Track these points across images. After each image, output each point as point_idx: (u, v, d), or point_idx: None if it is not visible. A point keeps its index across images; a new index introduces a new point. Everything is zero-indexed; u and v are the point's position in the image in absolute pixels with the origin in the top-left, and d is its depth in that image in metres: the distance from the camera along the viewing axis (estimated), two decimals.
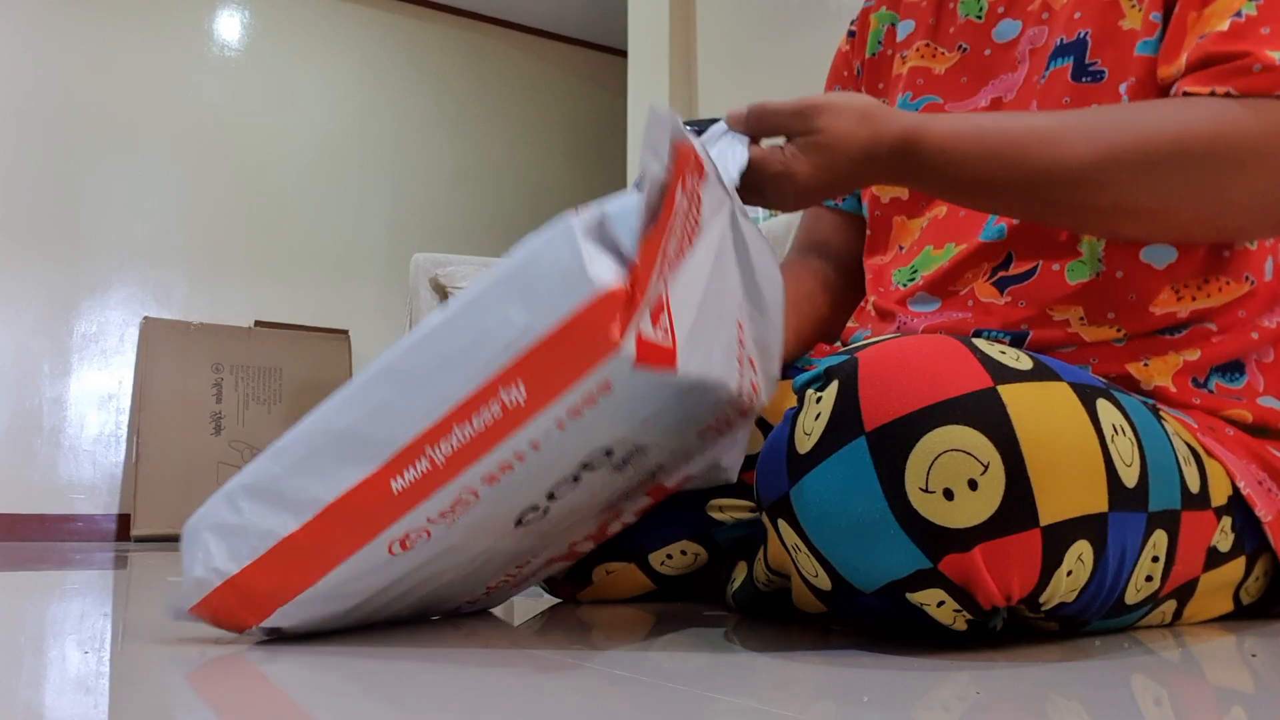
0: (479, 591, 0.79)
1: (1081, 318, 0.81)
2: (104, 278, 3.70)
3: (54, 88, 3.69)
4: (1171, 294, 0.81)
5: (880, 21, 1.03)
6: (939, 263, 0.88)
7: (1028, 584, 0.59)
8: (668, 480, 0.76)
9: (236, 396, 3.66)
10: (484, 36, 4.60)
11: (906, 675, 0.54)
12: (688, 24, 2.64)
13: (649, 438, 0.65)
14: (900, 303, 0.90)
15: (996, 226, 0.85)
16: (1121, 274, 0.81)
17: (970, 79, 0.92)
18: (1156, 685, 0.52)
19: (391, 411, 0.61)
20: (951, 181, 0.74)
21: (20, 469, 3.50)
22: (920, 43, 0.96)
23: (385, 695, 0.50)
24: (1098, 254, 0.82)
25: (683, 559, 0.96)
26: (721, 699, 0.48)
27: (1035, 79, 0.86)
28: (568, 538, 0.77)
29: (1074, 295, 0.81)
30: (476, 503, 0.62)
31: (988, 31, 0.91)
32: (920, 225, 0.93)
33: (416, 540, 0.63)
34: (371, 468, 0.61)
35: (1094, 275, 0.81)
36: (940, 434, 0.56)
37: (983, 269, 0.85)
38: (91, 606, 1.02)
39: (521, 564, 0.77)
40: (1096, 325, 0.81)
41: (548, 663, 0.60)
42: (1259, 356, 0.83)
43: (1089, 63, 0.82)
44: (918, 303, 0.88)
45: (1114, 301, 0.81)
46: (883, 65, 1.02)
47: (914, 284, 0.89)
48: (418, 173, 4.35)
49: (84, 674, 0.58)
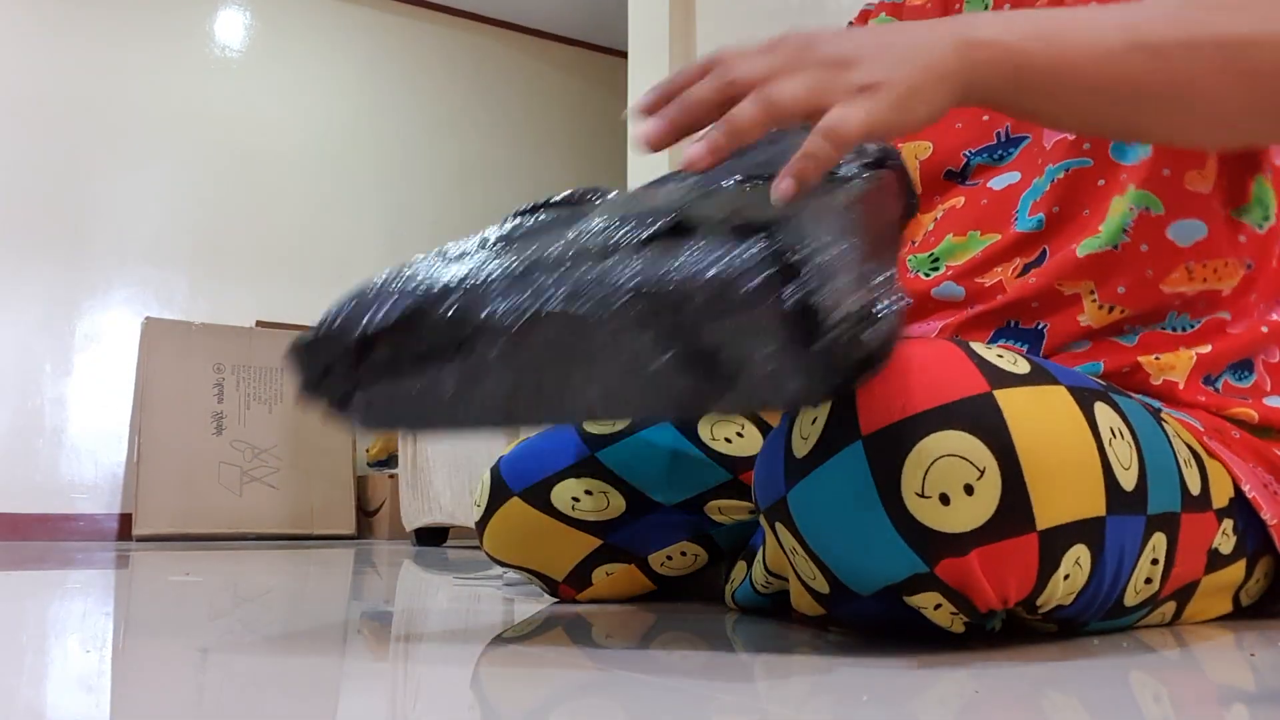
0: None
1: (1092, 292, 0.80)
2: (106, 278, 3.70)
3: (55, 89, 3.69)
4: (1184, 272, 0.80)
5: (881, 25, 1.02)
6: (969, 253, 0.86)
7: (1024, 588, 0.59)
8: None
9: (238, 396, 3.66)
10: (484, 37, 4.59)
11: (905, 674, 0.54)
12: (688, 24, 2.64)
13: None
14: (925, 293, 0.87)
15: (1033, 218, 0.84)
16: (1146, 247, 0.80)
17: None
18: (1155, 683, 0.52)
19: None
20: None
21: (22, 468, 3.50)
22: None
23: (385, 695, 0.50)
24: (1124, 225, 0.80)
25: (683, 560, 0.96)
26: (721, 698, 0.48)
27: None
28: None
29: (1084, 267, 0.80)
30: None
31: None
32: (933, 218, 0.92)
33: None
34: None
35: (1110, 248, 0.80)
36: (936, 439, 0.56)
37: (1014, 264, 0.84)
38: (93, 606, 1.02)
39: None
40: (1105, 305, 0.80)
41: (548, 662, 0.60)
42: (1266, 355, 0.83)
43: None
44: (943, 291, 0.86)
45: (1127, 276, 0.80)
46: None
47: (939, 274, 0.87)
48: (418, 173, 4.35)
49: (86, 673, 0.58)
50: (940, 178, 0.92)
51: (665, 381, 0.57)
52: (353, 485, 3.75)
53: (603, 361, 0.58)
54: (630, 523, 0.94)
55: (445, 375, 0.62)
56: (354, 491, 3.74)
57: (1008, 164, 0.88)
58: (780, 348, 0.55)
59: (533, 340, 0.59)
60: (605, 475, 0.93)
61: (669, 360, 0.57)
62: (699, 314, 0.56)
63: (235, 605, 1.00)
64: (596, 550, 0.95)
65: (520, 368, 0.60)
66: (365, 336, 0.63)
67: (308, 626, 0.80)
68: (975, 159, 0.90)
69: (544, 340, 0.59)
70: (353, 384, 0.64)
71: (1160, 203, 0.81)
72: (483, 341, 0.60)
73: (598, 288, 0.58)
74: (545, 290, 0.60)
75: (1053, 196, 0.83)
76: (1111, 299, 0.80)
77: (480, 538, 1.00)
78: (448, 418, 0.63)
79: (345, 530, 3.66)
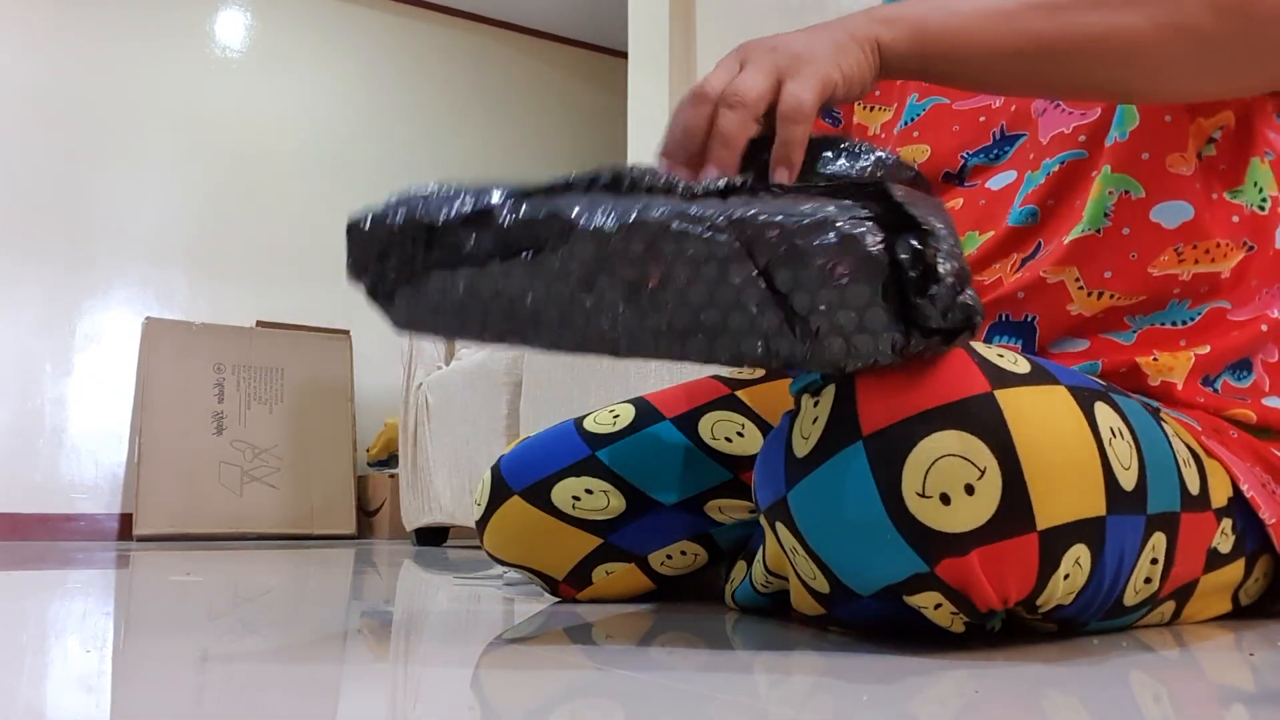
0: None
1: (1078, 279, 0.80)
2: (106, 278, 3.70)
3: (55, 89, 3.70)
4: (1173, 255, 0.80)
5: None
6: (968, 252, 0.86)
7: (1024, 588, 0.59)
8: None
9: (238, 396, 3.66)
10: (484, 37, 4.59)
11: (905, 673, 0.54)
12: (688, 24, 2.64)
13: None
14: None
15: (1024, 209, 0.83)
16: (1129, 230, 0.80)
17: None
18: (1155, 682, 0.52)
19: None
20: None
21: (22, 468, 3.51)
22: None
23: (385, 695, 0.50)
24: (1104, 209, 0.80)
25: (683, 559, 0.96)
26: (720, 697, 0.48)
27: None
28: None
29: (1068, 254, 0.80)
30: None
31: None
32: None
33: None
34: None
35: (1093, 231, 0.80)
36: (937, 439, 0.56)
37: (1012, 259, 0.84)
38: (94, 605, 1.02)
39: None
40: (1093, 291, 0.80)
41: (548, 662, 0.60)
42: (1265, 355, 0.82)
43: None
44: None
45: (1111, 260, 0.80)
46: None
47: None
48: (419, 173, 4.35)
49: (86, 673, 0.58)
50: (939, 180, 0.92)
51: (750, 316, 0.57)
52: (353, 485, 3.75)
53: (688, 285, 0.57)
54: (630, 522, 0.94)
55: (512, 272, 0.59)
56: (354, 491, 3.74)
57: (1003, 163, 0.88)
58: (878, 294, 0.55)
59: (621, 249, 0.57)
60: (605, 474, 0.93)
61: (760, 293, 0.56)
62: (798, 252, 0.56)
63: (235, 605, 1.00)
64: (597, 549, 0.95)
65: (595, 277, 0.58)
66: (431, 227, 0.61)
67: (308, 626, 0.80)
68: (972, 160, 0.90)
69: (630, 254, 0.57)
70: (406, 276, 0.62)
71: (1140, 185, 0.80)
72: (562, 243, 0.58)
73: (695, 213, 0.58)
74: (634, 208, 0.58)
75: (1046, 189, 0.83)
76: (1099, 284, 0.80)
77: (480, 537, 1.00)
78: (495, 322, 0.61)
79: (345, 530, 3.66)
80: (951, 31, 0.69)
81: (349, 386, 3.88)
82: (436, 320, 0.63)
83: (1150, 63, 0.69)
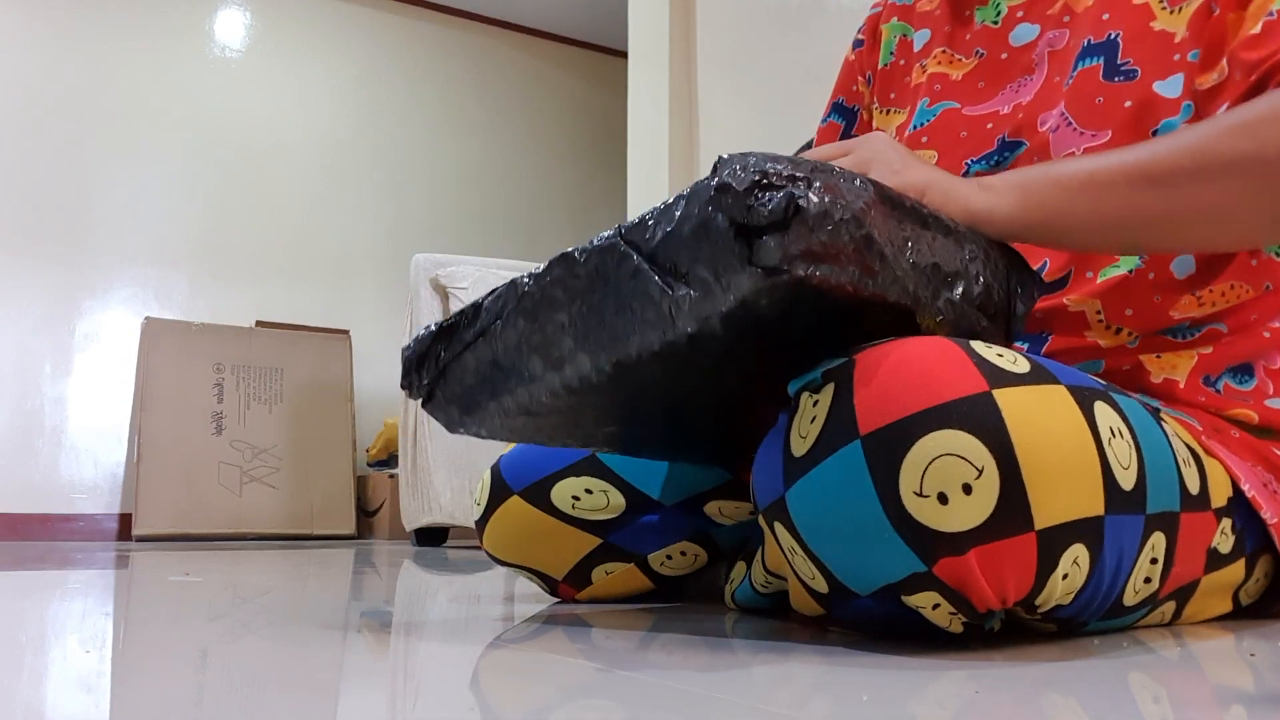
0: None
1: (1099, 311, 0.82)
2: (105, 278, 3.70)
3: (55, 89, 3.69)
4: (1193, 299, 0.82)
5: (892, 32, 1.03)
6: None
7: (1023, 587, 0.59)
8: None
9: (238, 396, 3.66)
10: (484, 36, 4.59)
11: (904, 674, 0.54)
12: (688, 24, 2.64)
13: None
14: None
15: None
16: (1154, 276, 0.82)
17: (987, 83, 0.92)
18: (1155, 683, 0.52)
19: None
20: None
21: (22, 468, 3.50)
22: (938, 50, 0.97)
23: (385, 695, 0.50)
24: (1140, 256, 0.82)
25: (683, 559, 0.96)
26: (720, 698, 0.48)
27: (1058, 80, 0.86)
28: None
29: (1098, 291, 0.82)
30: None
31: (1004, 36, 0.92)
32: None
33: None
34: None
35: (1125, 272, 0.82)
36: (935, 438, 0.56)
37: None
38: (93, 606, 1.02)
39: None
40: (1112, 325, 0.81)
41: (548, 662, 0.60)
42: (1267, 361, 0.83)
43: (1120, 62, 0.83)
44: None
45: (1136, 301, 0.82)
46: (895, 75, 1.02)
47: None
48: (418, 173, 4.35)
49: (86, 673, 0.58)
50: None
51: (651, 300, 0.62)
52: (353, 485, 3.75)
53: (600, 300, 0.65)
54: (630, 522, 0.94)
55: (477, 353, 0.73)
56: (354, 491, 3.74)
57: (1005, 169, 0.88)
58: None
59: (533, 303, 0.69)
60: (605, 474, 0.93)
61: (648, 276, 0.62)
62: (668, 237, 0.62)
63: (235, 605, 1.00)
64: (596, 549, 0.95)
65: (527, 323, 0.69)
66: (443, 327, 0.75)
67: (308, 626, 0.80)
68: (975, 166, 0.90)
69: (543, 299, 0.68)
70: (436, 375, 0.76)
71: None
72: (495, 317, 0.71)
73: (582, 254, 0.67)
74: (527, 280, 0.70)
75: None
76: (1119, 320, 0.82)
77: (480, 537, 1.00)
78: (490, 385, 0.73)
79: (345, 530, 3.66)
80: (1054, 205, 0.71)
81: (349, 386, 3.88)
82: (463, 403, 0.75)
83: (1242, 226, 0.73)
